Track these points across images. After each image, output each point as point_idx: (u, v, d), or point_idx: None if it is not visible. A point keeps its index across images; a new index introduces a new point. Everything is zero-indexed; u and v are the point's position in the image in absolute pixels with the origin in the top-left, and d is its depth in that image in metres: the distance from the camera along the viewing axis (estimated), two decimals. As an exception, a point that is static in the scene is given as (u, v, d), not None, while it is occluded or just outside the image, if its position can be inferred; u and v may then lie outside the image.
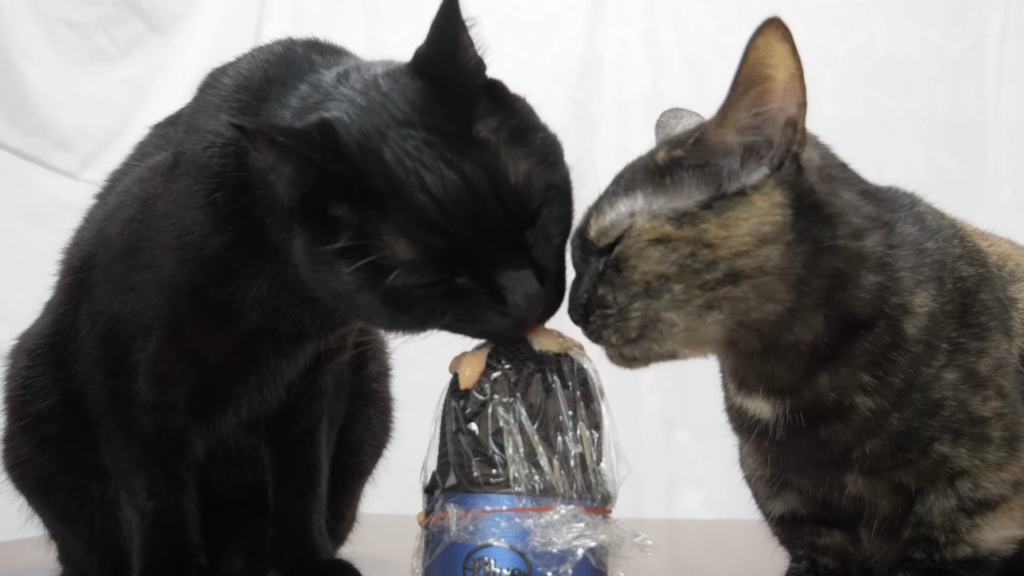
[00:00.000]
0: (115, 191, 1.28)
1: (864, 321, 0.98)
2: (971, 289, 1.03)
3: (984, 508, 1.03)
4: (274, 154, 0.97)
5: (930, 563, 1.05)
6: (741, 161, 0.94)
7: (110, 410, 1.22)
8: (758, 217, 0.92)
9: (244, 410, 1.26)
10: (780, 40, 0.91)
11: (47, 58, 2.46)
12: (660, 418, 2.57)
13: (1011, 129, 2.58)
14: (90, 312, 1.22)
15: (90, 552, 1.34)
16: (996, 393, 1.02)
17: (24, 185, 2.43)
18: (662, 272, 0.92)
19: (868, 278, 0.98)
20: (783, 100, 0.92)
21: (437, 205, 0.95)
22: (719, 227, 0.92)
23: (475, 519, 0.92)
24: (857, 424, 1.00)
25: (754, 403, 1.05)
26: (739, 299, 0.93)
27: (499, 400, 0.94)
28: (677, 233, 0.92)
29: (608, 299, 0.95)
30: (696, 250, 0.92)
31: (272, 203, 1.06)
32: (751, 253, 0.92)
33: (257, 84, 1.12)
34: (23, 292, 1.40)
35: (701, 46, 2.63)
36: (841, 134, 2.49)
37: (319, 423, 1.32)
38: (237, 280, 1.13)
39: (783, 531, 1.22)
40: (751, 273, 0.92)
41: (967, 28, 2.61)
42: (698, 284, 0.92)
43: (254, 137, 0.98)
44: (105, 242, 1.22)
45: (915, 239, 1.02)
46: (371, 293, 0.98)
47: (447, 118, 0.99)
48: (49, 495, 1.33)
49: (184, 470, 1.24)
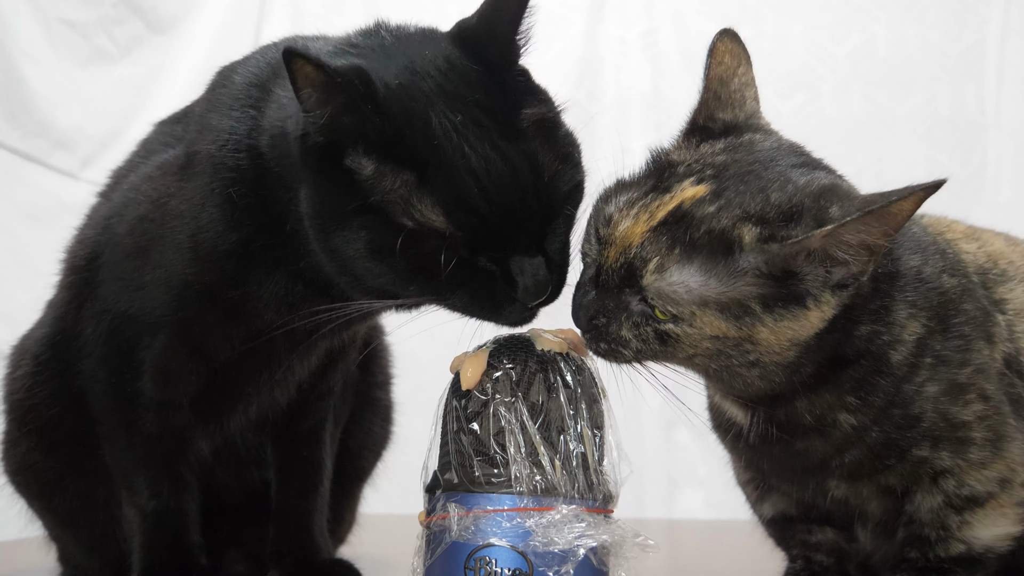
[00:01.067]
0: (120, 189, 1.27)
1: (851, 359, 0.99)
2: (953, 300, 1.03)
3: (972, 505, 1.04)
4: (317, 88, 0.95)
5: (925, 561, 1.06)
6: (808, 278, 0.90)
7: (113, 408, 1.22)
8: (807, 330, 0.91)
9: (253, 409, 1.26)
10: (923, 193, 0.86)
11: (47, 58, 2.46)
12: (660, 418, 2.57)
13: (1011, 129, 2.58)
14: (96, 310, 1.21)
15: (91, 555, 1.33)
16: (978, 396, 1.03)
17: (24, 185, 2.43)
18: (701, 354, 0.93)
19: (860, 330, 0.98)
20: (873, 236, 0.88)
21: (479, 186, 0.95)
22: (771, 332, 0.90)
23: (476, 519, 0.92)
24: (837, 439, 1.02)
25: (730, 408, 1.06)
26: (743, 376, 0.95)
27: (501, 400, 0.94)
28: (734, 333, 0.90)
29: (632, 343, 0.94)
30: (741, 343, 0.91)
31: (289, 180, 1.05)
32: (781, 354, 0.92)
33: (266, 79, 1.12)
34: (23, 292, 1.40)
35: (701, 46, 2.60)
36: (841, 134, 2.50)
37: (325, 422, 1.31)
38: (252, 278, 1.12)
39: (776, 532, 1.23)
40: (767, 364, 0.93)
41: (967, 28, 2.62)
42: (717, 363, 0.93)
43: (300, 65, 0.94)
44: (112, 240, 1.21)
45: (915, 271, 1.01)
46: (386, 259, 0.98)
47: (498, 102, 0.99)
48: (53, 499, 1.32)
49: (186, 470, 1.23)
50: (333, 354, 1.27)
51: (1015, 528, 1.06)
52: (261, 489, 1.32)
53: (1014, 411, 1.06)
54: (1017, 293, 1.12)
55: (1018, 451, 1.04)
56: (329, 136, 0.98)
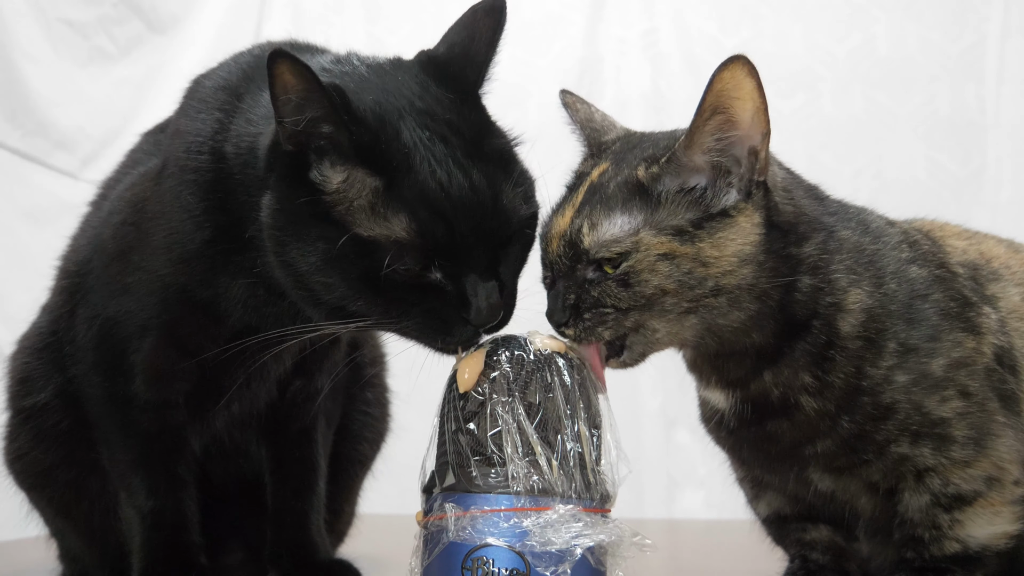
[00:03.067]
0: (109, 198, 1.29)
1: (802, 322, 1.04)
2: (920, 291, 1.06)
3: (960, 503, 1.05)
4: (297, 93, 0.95)
5: (921, 562, 1.07)
6: (712, 181, 1.01)
7: (109, 412, 1.23)
8: (742, 238, 1.00)
9: (236, 405, 1.27)
10: (747, 76, 0.97)
11: (47, 58, 2.46)
12: (660, 418, 2.57)
13: (1011, 129, 2.58)
14: (86, 316, 1.23)
15: (91, 547, 1.34)
16: (957, 393, 1.04)
17: (24, 185, 2.43)
18: (665, 286, 0.98)
19: (804, 281, 1.04)
20: (749, 129, 0.99)
21: (444, 197, 0.98)
22: (712, 247, 0.99)
23: (474, 519, 0.92)
24: (802, 423, 1.05)
25: (713, 394, 1.11)
26: (714, 308, 1.01)
27: (498, 400, 0.94)
28: (681, 249, 0.99)
29: (606, 302, 0.99)
30: (693, 267, 0.99)
31: (251, 187, 1.06)
32: (734, 272, 1.00)
33: (236, 83, 1.14)
34: (23, 292, 1.40)
35: (701, 46, 2.63)
36: (841, 134, 2.50)
37: (315, 422, 1.32)
38: (221, 279, 1.14)
39: (772, 531, 1.24)
40: (731, 290, 1.00)
41: (967, 28, 2.61)
42: (688, 298, 0.99)
43: (283, 69, 0.94)
44: (99, 247, 1.24)
45: (855, 242, 1.08)
46: (339, 272, 0.99)
47: (464, 125, 1.04)
48: (47, 488, 1.33)
49: (183, 469, 1.24)
50: (308, 354, 1.27)
51: (1012, 526, 1.06)
52: (251, 480, 1.33)
53: (1004, 407, 1.06)
54: (1010, 294, 1.13)
55: (1006, 449, 1.05)
56: (299, 145, 0.99)
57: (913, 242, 1.11)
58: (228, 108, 1.12)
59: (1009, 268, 1.15)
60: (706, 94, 0.97)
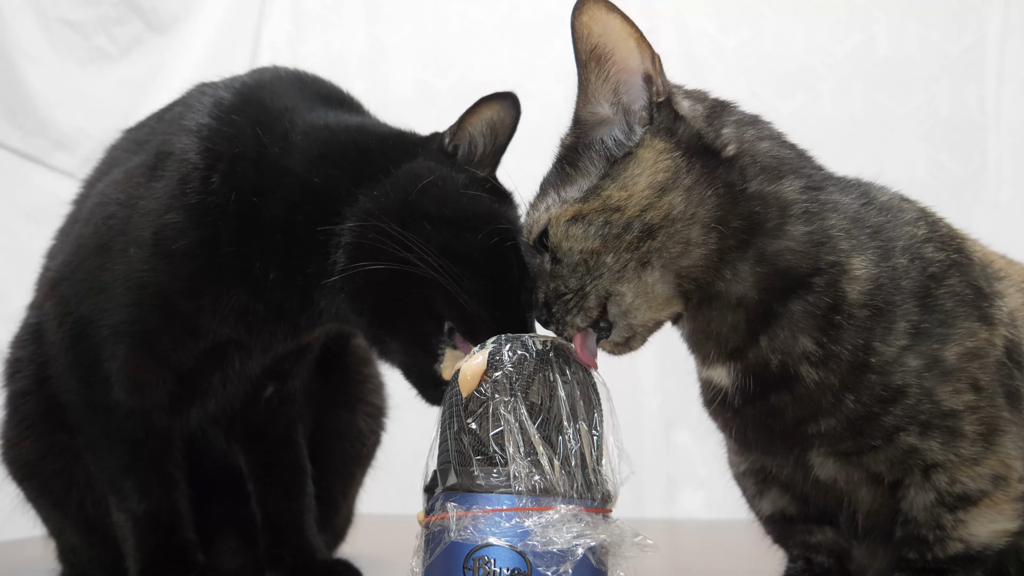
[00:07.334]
0: (90, 196, 1.29)
1: (801, 276, 1.00)
2: (936, 273, 1.03)
3: (965, 503, 1.03)
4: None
5: (923, 562, 1.05)
6: (623, 124, 1.01)
7: (90, 419, 1.23)
8: (648, 168, 0.99)
9: (211, 403, 1.27)
10: (607, 12, 0.98)
11: (47, 58, 2.46)
12: (660, 418, 2.57)
13: (1011, 129, 2.58)
14: (58, 312, 1.23)
15: (89, 541, 1.33)
16: (969, 386, 1.01)
17: (24, 185, 2.43)
18: (590, 247, 0.98)
19: (797, 227, 1.01)
20: (633, 60, 1.00)
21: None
22: (619, 189, 0.99)
23: (475, 518, 0.92)
24: (803, 395, 1.02)
25: (715, 371, 1.07)
26: (662, 250, 0.98)
27: (500, 400, 0.94)
28: (585, 207, 0.99)
29: (561, 287, 1.01)
30: (608, 217, 0.98)
31: (328, 200, 1.13)
32: (655, 205, 0.98)
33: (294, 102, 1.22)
34: (23, 292, 1.40)
35: (701, 46, 2.63)
36: (841, 134, 2.50)
37: (296, 425, 1.33)
38: (209, 290, 1.14)
39: (775, 531, 1.22)
40: (662, 223, 0.98)
41: (967, 28, 2.62)
42: (623, 248, 0.98)
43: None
44: (80, 242, 1.23)
45: (852, 209, 1.05)
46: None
47: None
48: (36, 479, 1.33)
49: (174, 468, 1.24)
50: (287, 358, 1.28)
51: (1012, 524, 1.05)
52: (235, 472, 1.33)
53: (1009, 403, 1.04)
54: (1012, 294, 1.11)
55: (1012, 446, 1.03)
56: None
57: (933, 222, 1.08)
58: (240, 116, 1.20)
59: (1008, 276, 1.14)
60: (576, 43, 0.99)
